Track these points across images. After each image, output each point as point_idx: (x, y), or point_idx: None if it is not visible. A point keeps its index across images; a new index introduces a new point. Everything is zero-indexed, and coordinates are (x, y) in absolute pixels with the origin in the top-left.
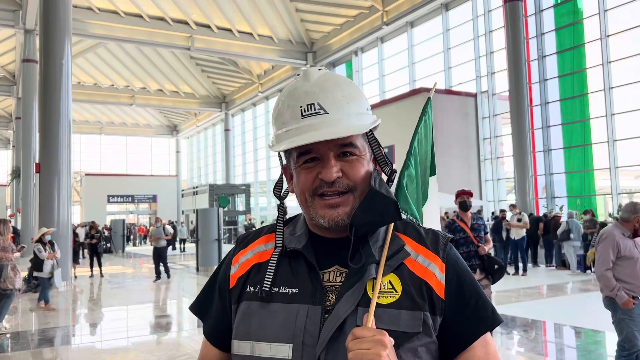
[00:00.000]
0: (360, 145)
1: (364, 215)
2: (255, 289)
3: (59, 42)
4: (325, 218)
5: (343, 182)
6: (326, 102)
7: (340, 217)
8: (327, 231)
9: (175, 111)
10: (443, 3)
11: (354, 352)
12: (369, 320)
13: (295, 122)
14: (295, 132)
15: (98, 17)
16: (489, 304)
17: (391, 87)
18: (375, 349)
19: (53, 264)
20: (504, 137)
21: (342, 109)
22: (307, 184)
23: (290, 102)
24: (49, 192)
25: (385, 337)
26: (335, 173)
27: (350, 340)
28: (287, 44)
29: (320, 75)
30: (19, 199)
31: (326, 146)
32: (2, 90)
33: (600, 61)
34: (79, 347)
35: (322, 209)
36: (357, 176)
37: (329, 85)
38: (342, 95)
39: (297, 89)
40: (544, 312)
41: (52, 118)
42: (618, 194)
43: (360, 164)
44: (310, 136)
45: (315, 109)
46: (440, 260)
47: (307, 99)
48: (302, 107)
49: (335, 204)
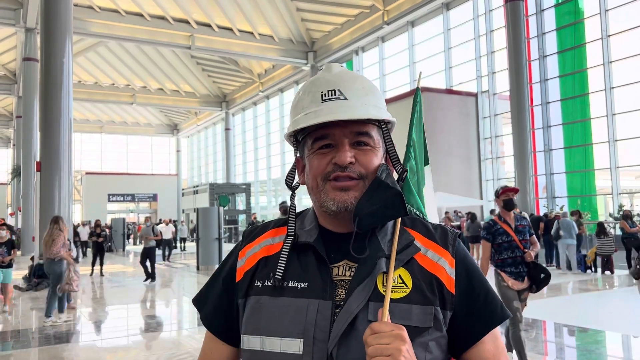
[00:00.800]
0: (375, 137)
1: (368, 205)
2: (264, 282)
3: (60, 40)
4: (335, 200)
5: (355, 168)
6: (347, 90)
7: (349, 201)
8: (337, 225)
9: (176, 110)
10: (444, 2)
11: (374, 347)
12: (384, 315)
13: (315, 106)
14: (314, 114)
15: (99, 16)
16: (498, 299)
17: (392, 86)
18: (395, 343)
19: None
20: (504, 136)
21: (361, 98)
22: (320, 168)
23: (311, 89)
24: (49, 191)
25: (404, 331)
26: (349, 158)
27: (369, 335)
28: (288, 43)
29: (342, 69)
30: (20, 197)
31: (342, 132)
32: (3, 89)
33: (601, 61)
34: (80, 346)
35: (333, 192)
36: (369, 165)
37: (349, 77)
38: (361, 86)
39: (318, 78)
40: (545, 311)
41: (53, 117)
42: (619, 194)
43: (373, 155)
44: (329, 117)
45: (335, 94)
46: (450, 255)
47: (329, 85)
48: (322, 92)
49: (346, 186)
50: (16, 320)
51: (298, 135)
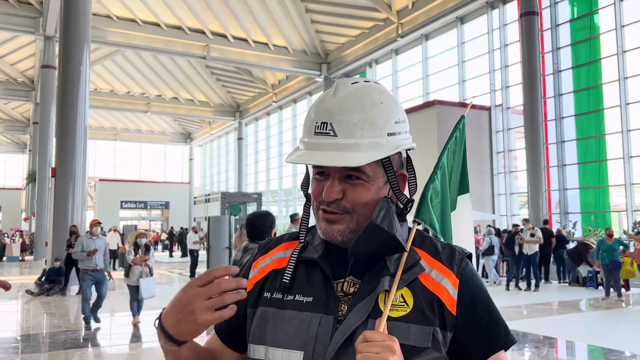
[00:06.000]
0: (369, 172)
1: (363, 247)
2: (272, 294)
3: (77, 49)
4: (321, 229)
5: (341, 204)
6: (340, 124)
7: (333, 234)
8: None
9: (190, 119)
10: (458, 16)
11: (363, 354)
12: (380, 325)
13: (308, 137)
14: (304, 147)
15: (116, 25)
16: (502, 323)
17: (405, 99)
18: (384, 354)
19: (142, 271)
20: (517, 151)
21: (353, 134)
22: (314, 193)
23: (312, 114)
24: (63, 197)
25: (395, 343)
26: (335, 194)
27: (360, 342)
28: (302, 54)
29: (350, 91)
30: (34, 202)
31: (334, 167)
32: (21, 96)
33: (617, 77)
34: (90, 352)
35: (321, 221)
36: (357, 200)
37: (351, 105)
38: (359, 119)
39: (322, 102)
40: (556, 328)
41: (69, 123)
42: (633, 211)
43: (365, 189)
44: (308, 157)
45: (326, 128)
46: (454, 276)
47: (324, 116)
48: (317, 124)
49: (331, 219)
50: (27, 325)
51: None
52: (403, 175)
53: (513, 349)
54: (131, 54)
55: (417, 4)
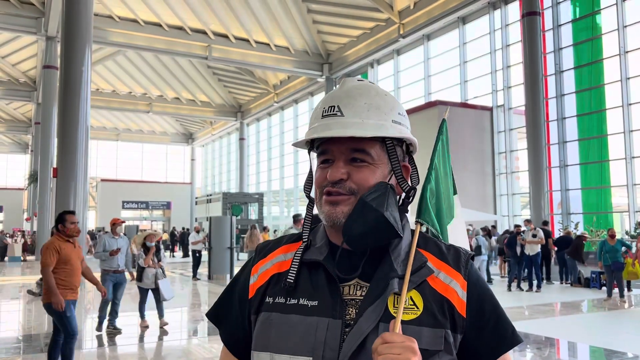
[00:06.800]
0: (374, 154)
1: (354, 225)
2: (275, 299)
3: (79, 49)
4: (325, 214)
5: (346, 184)
6: (346, 106)
7: (336, 216)
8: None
9: (191, 119)
10: (460, 17)
11: (384, 356)
12: (396, 326)
13: (316, 122)
14: (312, 130)
15: (118, 26)
16: (509, 323)
17: (406, 99)
18: (405, 354)
19: (156, 273)
20: (519, 151)
21: (359, 114)
22: (318, 180)
23: (320, 105)
24: (65, 197)
25: (415, 344)
26: (340, 174)
27: (380, 344)
28: (304, 55)
29: (356, 84)
30: (36, 202)
31: (339, 149)
32: (23, 96)
33: (619, 77)
34: (91, 352)
35: (325, 205)
36: (362, 182)
37: (357, 92)
38: (365, 102)
39: (330, 93)
40: (558, 329)
41: (71, 124)
42: (635, 212)
43: (369, 171)
44: (313, 133)
45: (334, 110)
46: (462, 278)
47: (332, 101)
48: (324, 108)
49: (335, 201)
50: (28, 325)
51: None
52: (406, 167)
53: (515, 350)
54: (133, 54)
55: (419, 4)
